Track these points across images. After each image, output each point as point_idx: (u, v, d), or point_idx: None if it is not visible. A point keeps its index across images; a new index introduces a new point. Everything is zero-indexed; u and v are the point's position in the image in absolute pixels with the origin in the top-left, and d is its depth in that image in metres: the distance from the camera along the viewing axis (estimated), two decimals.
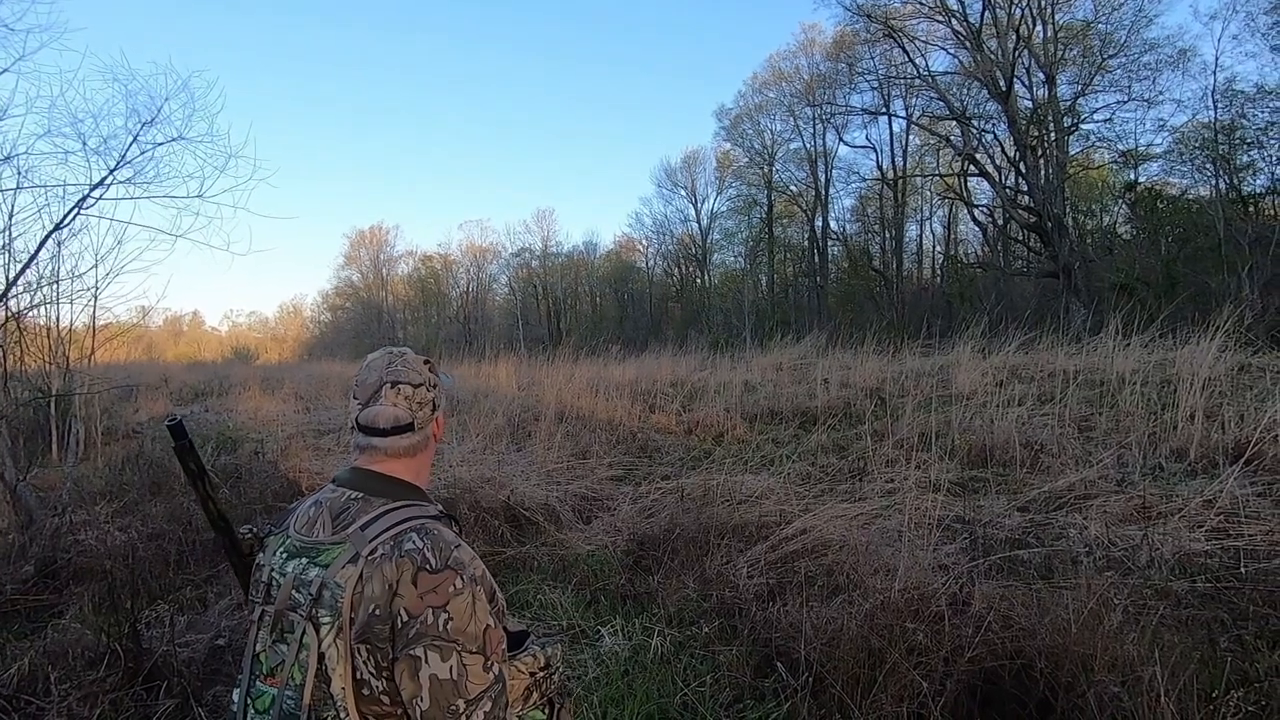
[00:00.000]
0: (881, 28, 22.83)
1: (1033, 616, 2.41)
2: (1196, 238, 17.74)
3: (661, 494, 5.21)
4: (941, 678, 2.24)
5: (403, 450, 1.14)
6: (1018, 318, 12.06)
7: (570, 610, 3.48)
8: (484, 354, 15.79)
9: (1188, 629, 2.67)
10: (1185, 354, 7.89)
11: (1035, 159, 21.42)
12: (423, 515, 1.06)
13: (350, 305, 55.08)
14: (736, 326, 28.34)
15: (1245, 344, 8.72)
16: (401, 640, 0.95)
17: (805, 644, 2.55)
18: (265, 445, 8.05)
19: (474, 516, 4.68)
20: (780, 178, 33.30)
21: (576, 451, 6.81)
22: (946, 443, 6.04)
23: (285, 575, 1.04)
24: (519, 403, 9.50)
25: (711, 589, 3.44)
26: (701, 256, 38.22)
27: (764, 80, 32.49)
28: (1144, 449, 5.39)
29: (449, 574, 0.98)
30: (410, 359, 1.18)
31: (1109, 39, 21.48)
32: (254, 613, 1.07)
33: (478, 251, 48.94)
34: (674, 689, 2.69)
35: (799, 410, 8.41)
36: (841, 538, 3.64)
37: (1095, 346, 9.55)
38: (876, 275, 28.92)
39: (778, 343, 15.54)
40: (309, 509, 1.11)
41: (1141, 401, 6.50)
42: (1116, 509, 4.25)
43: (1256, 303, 12.45)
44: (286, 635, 1.01)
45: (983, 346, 10.31)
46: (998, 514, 4.36)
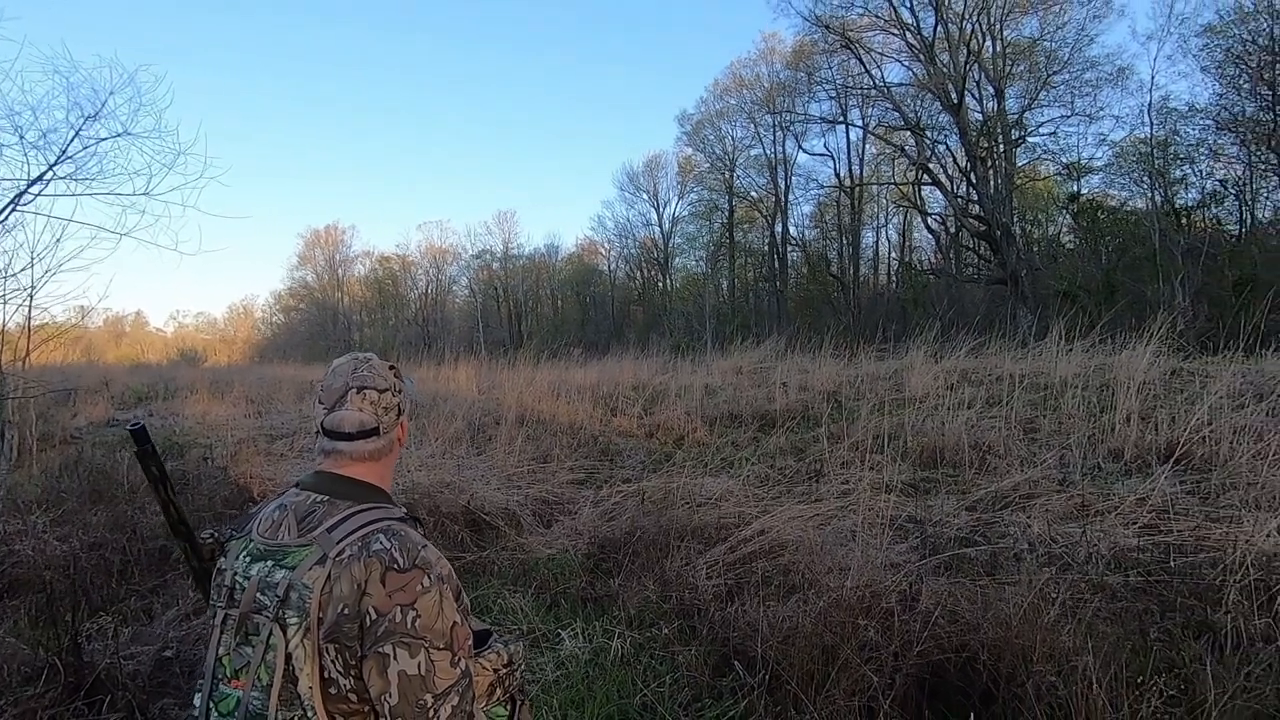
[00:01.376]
0: (839, 38, 23.36)
1: (977, 611, 2.51)
2: (1134, 248, 18.60)
3: (623, 497, 5.24)
4: (891, 672, 2.32)
5: (367, 454, 1.16)
6: (968, 323, 12.46)
7: (531, 614, 3.49)
8: (443, 357, 15.60)
9: (1120, 621, 2.82)
10: (1123, 359, 8.26)
11: (985, 170, 22.18)
12: (389, 517, 1.08)
13: (304, 306, 53.72)
14: (698, 330, 28.58)
15: (1177, 349, 9.19)
16: (370, 638, 0.97)
17: (762, 643, 2.61)
18: (214, 450, 7.81)
19: (433, 522, 4.64)
20: (741, 183, 33.78)
21: (537, 455, 6.79)
22: (900, 444, 6.21)
23: (249, 578, 1.05)
24: (479, 406, 9.42)
25: (671, 590, 3.49)
26: (663, 260, 38.44)
27: (725, 87, 32.94)
28: (1084, 450, 5.65)
29: (416, 573, 1.00)
30: (376, 364, 1.20)
31: (1053, 56, 22.43)
32: (216, 617, 1.07)
33: (437, 253, 48.30)
34: (633, 690, 2.73)
35: (758, 413, 8.53)
36: (798, 538, 3.73)
37: (1040, 351, 9.93)
38: (834, 281, 29.50)
39: (738, 346, 15.73)
40: (273, 513, 1.12)
41: (1082, 404, 6.81)
42: (1058, 507, 4.44)
43: (1188, 310, 13.12)
44: (251, 638, 1.02)
45: (935, 351, 10.63)
46: (947, 513, 4.51)
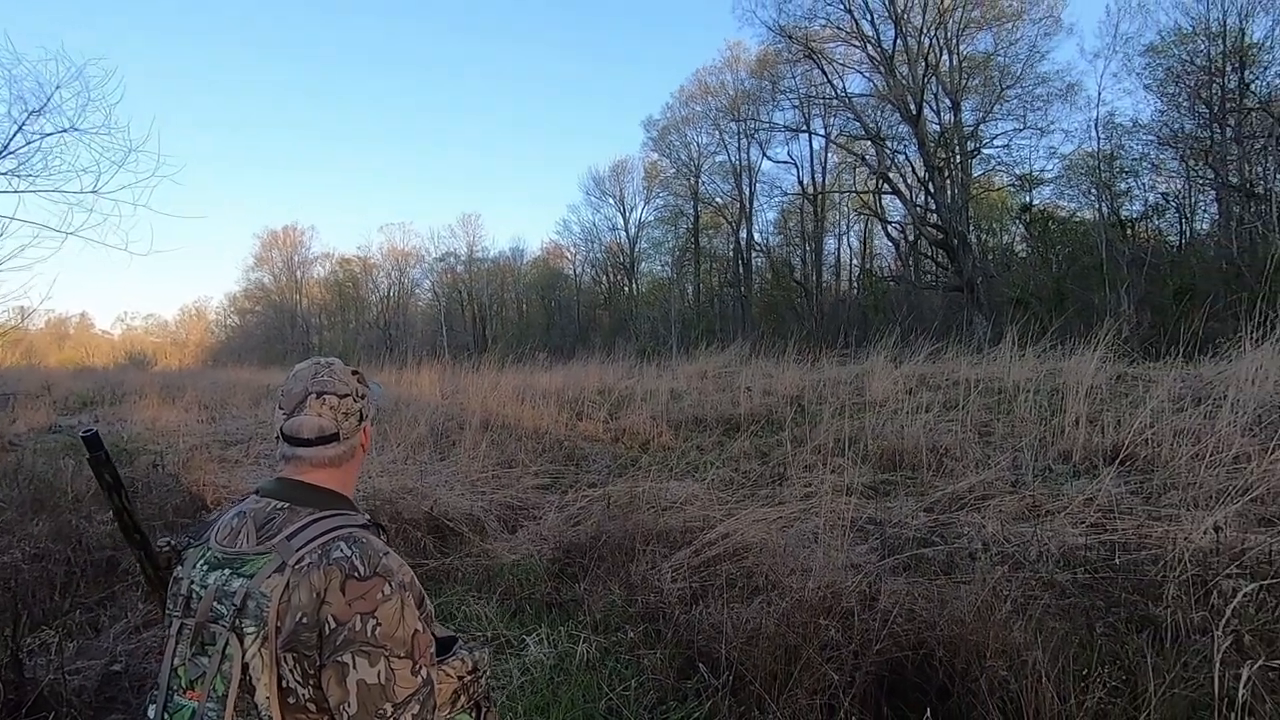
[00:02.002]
0: (802, 49, 23.79)
1: (933, 610, 2.59)
2: (1082, 257, 19.30)
3: (588, 501, 5.24)
4: (851, 670, 2.37)
5: (328, 460, 1.14)
6: (927, 329, 12.78)
7: (495, 620, 3.46)
8: (406, 361, 15.36)
9: (1068, 616, 2.93)
10: (1072, 364, 8.57)
11: (942, 180, 22.79)
12: (350, 524, 1.07)
13: (261, 309, 52.31)
14: (663, 335, 28.69)
15: (1123, 355, 9.58)
16: (329, 647, 0.96)
17: (726, 644, 2.64)
18: (165, 457, 7.55)
19: (395, 528, 4.56)
20: (706, 189, 34.06)
21: (502, 460, 6.74)
22: (860, 448, 6.33)
23: (206, 587, 1.03)
24: (443, 411, 9.30)
25: (637, 594, 3.50)
26: (629, 265, 38.51)
27: (691, 94, 33.20)
28: (1035, 452, 5.84)
29: (377, 581, 1.00)
30: (338, 369, 1.19)
31: (1007, 71, 23.20)
32: (172, 627, 1.05)
33: (400, 255, 47.54)
34: (599, 694, 2.73)
35: (723, 417, 8.61)
36: (761, 540, 3.78)
37: (995, 356, 10.25)
38: (798, 287, 29.93)
39: (703, 351, 15.85)
40: (231, 520, 1.10)
41: (1034, 408, 7.04)
42: (1010, 508, 4.58)
43: (1132, 317, 13.66)
44: (207, 647, 1.00)
45: (895, 356, 10.87)
46: (906, 515, 4.62)
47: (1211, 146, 19.83)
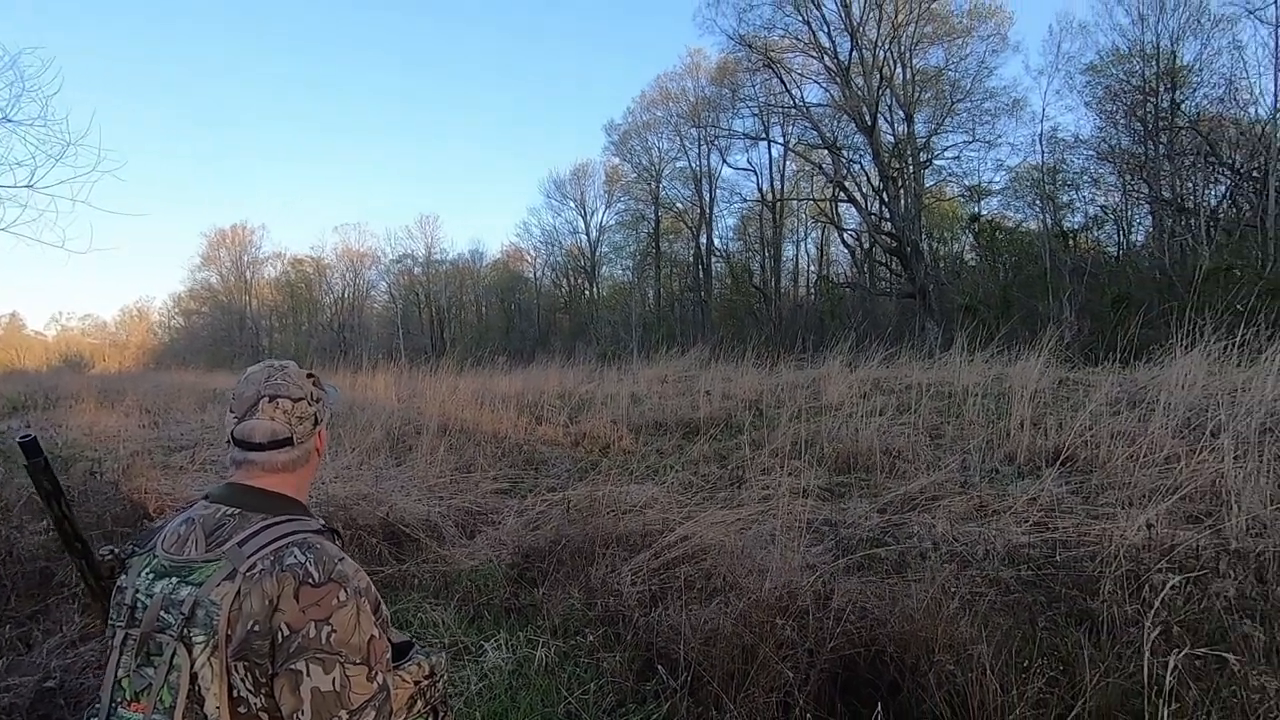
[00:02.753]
0: (762, 58, 24.18)
1: (885, 608, 2.66)
2: (1028, 266, 20.04)
3: (547, 506, 5.21)
4: (806, 668, 2.42)
5: (281, 465, 1.12)
6: (881, 334, 13.10)
7: (453, 627, 3.42)
8: (361, 364, 15.03)
9: (1012, 612, 3.04)
10: (1017, 369, 8.89)
11: (896, 189, 23.41)
12: (304, 530, 1.05)
13: (207, 310, 50.53)
14: (624, 339, 28.71)
15: (1064, 361, 9.99)
16: (282, 655, 0.94)
17: (685, 645, 2.66)
18: (103, 464, 7.24)
19: (350, 535, 4.47)
20: (667, 194, 34.29)
21: (460, 465, 6.66)
22: (817, 451, 6.45)
23: (152, 596, 1.00)
24: (399, 415, 9.14)
25: (596, 598, 3.50)
26: (590, 269, 38.46)
27: (652, 99, 33.39)
28: (983, 454, 6.04)
29: (332, 587, 0.98)
30: (292, 372, 1.17)
31: (957, 85, 24.01)
32: (115, 638, 1.01)
33: (355, 256, 46.51)
34: (558, 699, 2.72)
35: (683, 421, 8.67)
36: (720, 542, 3.82)
37: (945, 361, 10.56)
38: (756, 292, 30.32)
39: (664, 355, 15.91)
40: (179, 527, 1.07)
41: (982, 411, 7.28)
42: (959, 508, 4.73)
43: (1074, 324, 14.23)
44: (153, 658, 0.97)
45: (850, 361, 11.11)
46: (859, 516, 4.73)
47: (1146, 162, 20.85)
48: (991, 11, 23.98)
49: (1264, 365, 6.02)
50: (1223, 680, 2.33)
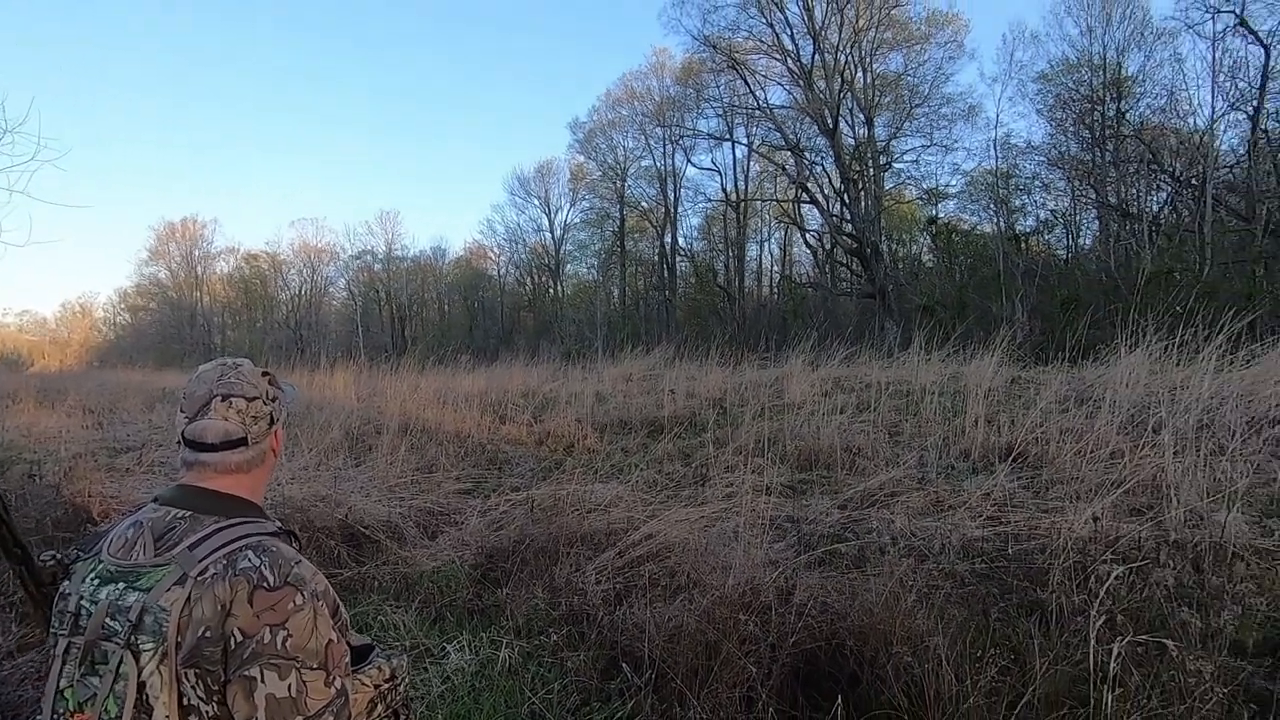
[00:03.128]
0: (726, 59, 24.37)
1: (845, 602, 2.71)
2: (982, 268, 20.61)
3: (511, 505, 5.18)
4: (769, 662, 2.45)
5: (235, 466, 1.09)
6: (842, 334, 13.33)
7: (414, 629, 3.37)
8: (319, 362, 14.69)
9: (967, 604, 3.13)
10: (972, 368, 9.15)
11: (857, 191, 23.84)
12: (259, 532, 1.03)
13: (156, 306, 48.75)
14: (589, 337, 28.64)
15: (1017, 360, 10.31)
16: (235, 661, 0.91)
17: (649, 643, 2.67)
18: (42, 467, 6.94)
19: (307, 538, 4.37)
20: (632, 193, 34.30)
21: (422, 465, 6.56)
22: (779, 448, 6.54)
23: (98, 603, 0.96)
24: (358, 414, 8.96)
25: (560, 597, 3.49)
26: (555, 266, 38.25)
27: (617, 97, 33.36)
28: (939, 451, 6.20)
29: (288, 590, 0.96)
30: (246, 371, 1.13)
31: (915, 91, 24.58)
32: (57, 646, 0.97)
33: (312, 252, 45.36)
34: (521, 700, 2.71)
35: (647, 420, 8.69)
36: (684, 540, 3.84)
37: (904, 361, 10.81)
38: (721, 291, 30.56)
39: (629, 354, 15.93)
40: (126, 531, 1.03)
41: (939, 409, 7.47)
42: (917, 504, 4.84)
43: (1025, 325, 14.71)
44: (99, 666, 0.93)
45: (812, 360, 11.29)
46: (821, 512, 4.81)
47: (1093, 169, 21.65)
48: (949, 19, 24.63)
49: (1201, 365, 6.30)
50: (1163, 665, 2.43)
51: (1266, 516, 4.16)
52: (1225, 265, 15.53)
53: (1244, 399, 5.99)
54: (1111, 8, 21.46)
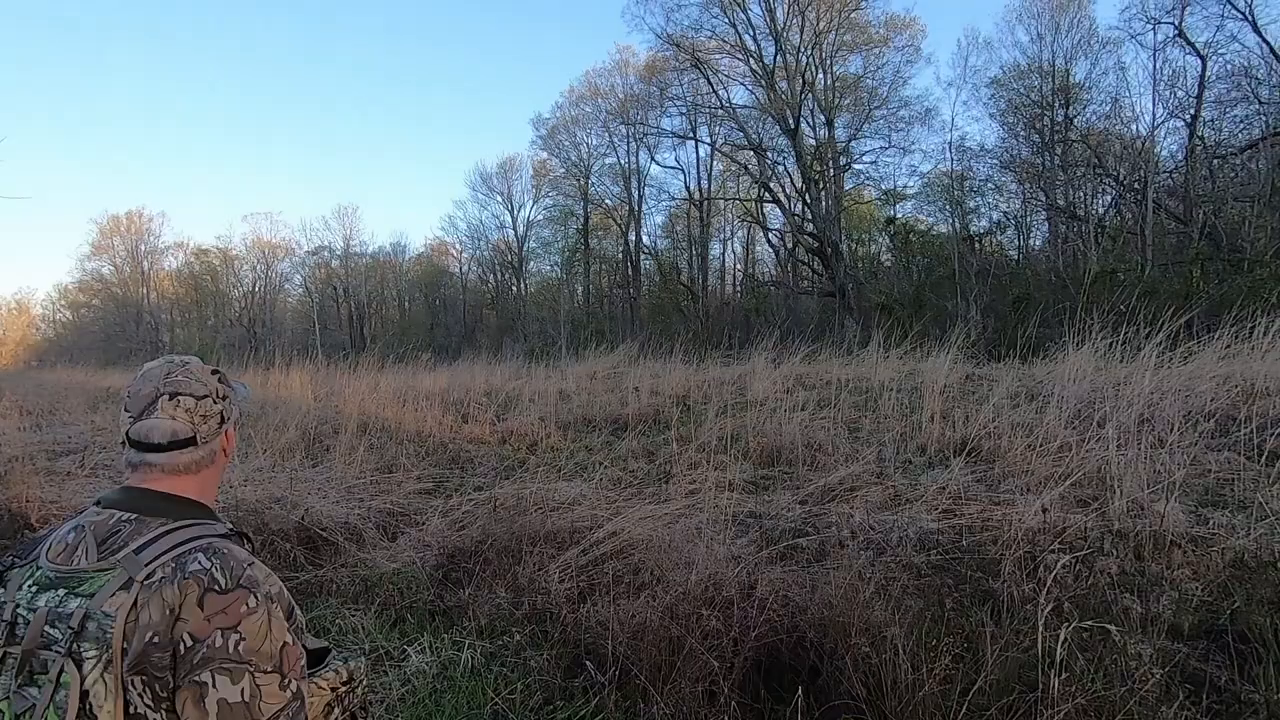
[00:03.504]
0: (689, 58, 24.48)
1: (806, 595, 2.75)
2: (938, 267, 21.14)
3: (474, 505, 5.12)
4: (731, 657, 2.48)
5: (183, 467, 1.06)
6: (803, 331, 13.55)
7: (374, 632, 3.31)
8: (273, 361, 14.31)
9: (923, 594, 3.21)
10: (929, 365, 9.37)
11: (818, 191, 24.20)
12: (210, 534, 1.00)
13: (99, 303, 46.85)
14: (553, 335, 28.49)
15: (971, 357, 10.61)
16: (185, 667, 0.89)
17: (613, 640, 2.67)
18: None
19: (261, 541, 4.25)
20: (596, 191, 34.19)
21: (381, 465, 6.45)
22: (742, 445, 6.60)
23: (35, 610, 0.92)
24: (315, 414, 8.76)
25: (524, 597, 3.47)
26: (518, 264, 37.92)
27: (580, 94, 33.22)
28: (897, 446, 6.34)
29: (241, 593, 0.94)
30: (195, 369, 1.10)
31: (874, 93, 25.08)
32: None
33: (266, 247, 44.12)
34: (483, 700, 2.68)
35: (612, 417, 8.69)
36: (647, 537, 3.85)
37: (863, 358, 11.03)
38: (684, 289, 30.70)
39: (593, 352, 15.90)
40: (66, 535, 0.99)
41: (896, 405, 7.64)
42: (875, 498, 4.95)
43: (979, 323, 15.13)
44: (38, 677, 0.90)
45: (774, 357, 11.43)
46: (783, 507, 4.87)
47: (1042, 172, 22.39)
48: (906, 23, 25.18)
49: (1142, 361, 6.58)
50: (1106, 649, 2.53)
51: (1202, 506, 4.37)
52: (1165, 266, 16.23)
53: (1181, 394, 6.26)
54: (1060, 16, 22.23)
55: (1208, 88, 18.62)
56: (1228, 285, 12.79)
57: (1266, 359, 6.94)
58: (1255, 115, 18.43)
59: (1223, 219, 16.38)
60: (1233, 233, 15.94)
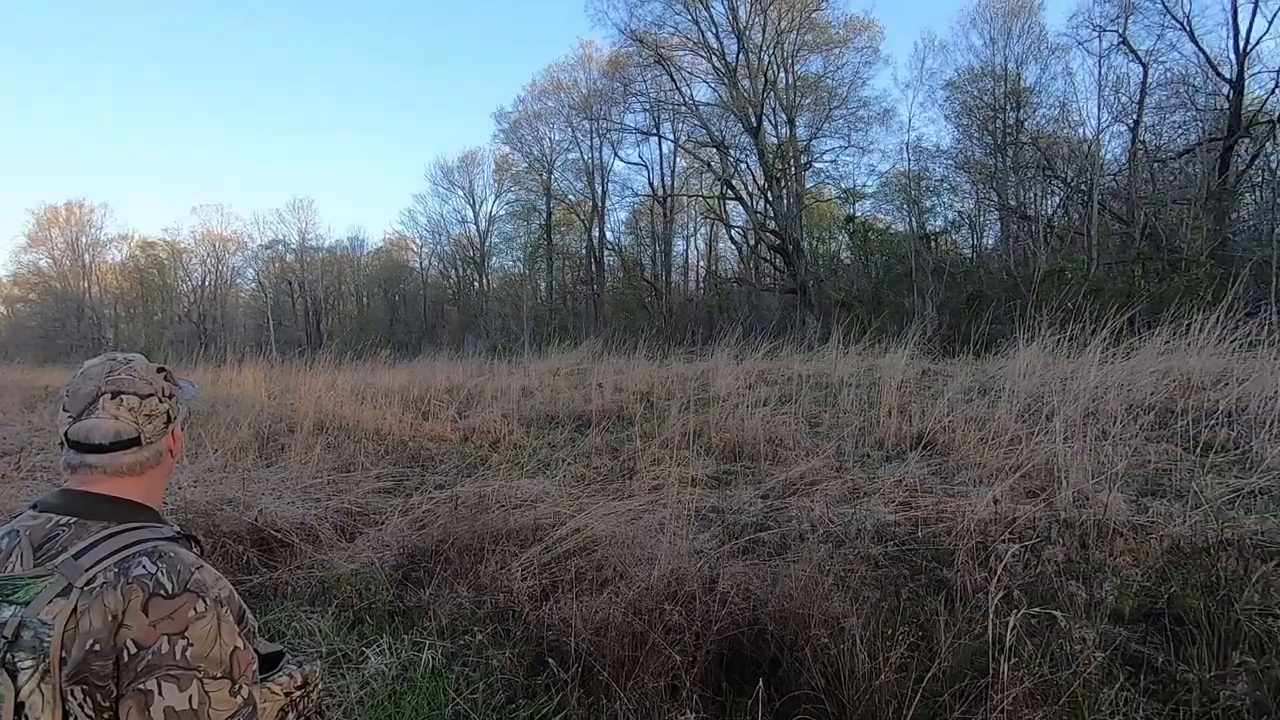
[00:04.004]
0: (652, 54, 24.49)
1: (766, 588, 2.79)
2: (896, 265, 21.61)
3: (434, 504, 5.05)
4: (693, 651, 2.50)
5: (126, 468, 1.02)
6: (765, 328, 13.71)
7: (331, 635, 3.24)
8: (225, 358, 13.87)
9: (880, 585, 3.28)
10: (887, 361, 9.58)
11: (779, 189, 24.49)
12: (154, 537, 0.96)
13: (36, 297, 44.72)
14: (515, 331, 28.25)
15: (927, 353, 10.89)
16: (129, 675, 0.86)
17: (575, 637, 2.67)
18: None
19: (212, 543, 4.13)
20: (559, 186, 33.98)
21: (339, 464, 6.31)
22: (705, 440, 6.65)
23: None
24: (270, 412, 8.52)
25: (485, 595, 3.44)
26: (480, 259, 37.46)
27: (543, 88, 32.94)
28: (856, 440, 6.47)
29: (188, 598, 0.91)
30: (139, 366, 1.06)
31: (834, 93, 25.48)
32: None
33: (217, 240, 42.66)
34: (444, 701, 2.65)
35: (575, 414, 8.66)
36: (611, 533, 3.85)
37: (824, 354, 11.22)
38: (648, 285, 30.76)
39: (556, 348, 15.83)
40: (0, 541, 0.95)
41: (856, 400, 7.79)
42: (835, 491, 5.04)
43: (935, 320, 15.52)
44: None
45: (737, 353, 11.55)
46: (744, 502, 4.93)
47: (995, 173, 23.05)
48: (865, 25, 25.61)
49: (1088, 356, 6.83)
50: (1052, 635, 2.63)
51: (1142, 495, 4.56)
52: (1109, 265, 16.88)
53: (1124, 388, 6.53)
54: (1012, 22, 22.89)
55: (1149, 94, 19.42)
56: (1167, 284, 13.38)
57: (1202, 354, 7.27)
58: (1192, 121, 19.31)
59: (1162, 221, 17.11)
60: (1171, 234, 16.66)
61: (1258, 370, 6.51)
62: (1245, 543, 3.57)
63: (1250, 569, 3.18)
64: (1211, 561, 3.34)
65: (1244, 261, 12.49)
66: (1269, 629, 2.68)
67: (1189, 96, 19.06)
